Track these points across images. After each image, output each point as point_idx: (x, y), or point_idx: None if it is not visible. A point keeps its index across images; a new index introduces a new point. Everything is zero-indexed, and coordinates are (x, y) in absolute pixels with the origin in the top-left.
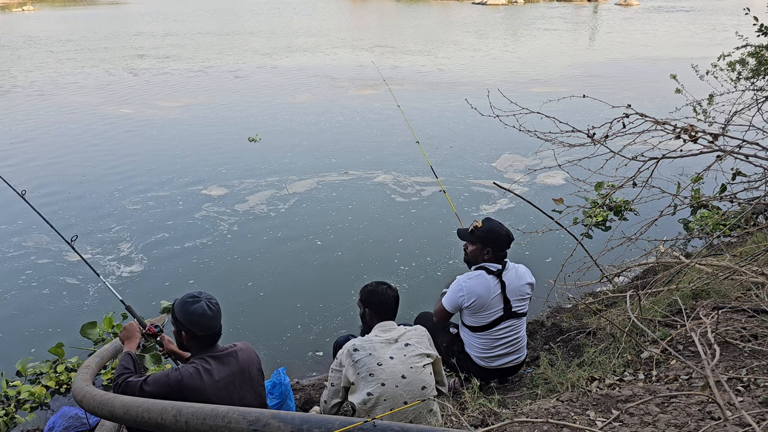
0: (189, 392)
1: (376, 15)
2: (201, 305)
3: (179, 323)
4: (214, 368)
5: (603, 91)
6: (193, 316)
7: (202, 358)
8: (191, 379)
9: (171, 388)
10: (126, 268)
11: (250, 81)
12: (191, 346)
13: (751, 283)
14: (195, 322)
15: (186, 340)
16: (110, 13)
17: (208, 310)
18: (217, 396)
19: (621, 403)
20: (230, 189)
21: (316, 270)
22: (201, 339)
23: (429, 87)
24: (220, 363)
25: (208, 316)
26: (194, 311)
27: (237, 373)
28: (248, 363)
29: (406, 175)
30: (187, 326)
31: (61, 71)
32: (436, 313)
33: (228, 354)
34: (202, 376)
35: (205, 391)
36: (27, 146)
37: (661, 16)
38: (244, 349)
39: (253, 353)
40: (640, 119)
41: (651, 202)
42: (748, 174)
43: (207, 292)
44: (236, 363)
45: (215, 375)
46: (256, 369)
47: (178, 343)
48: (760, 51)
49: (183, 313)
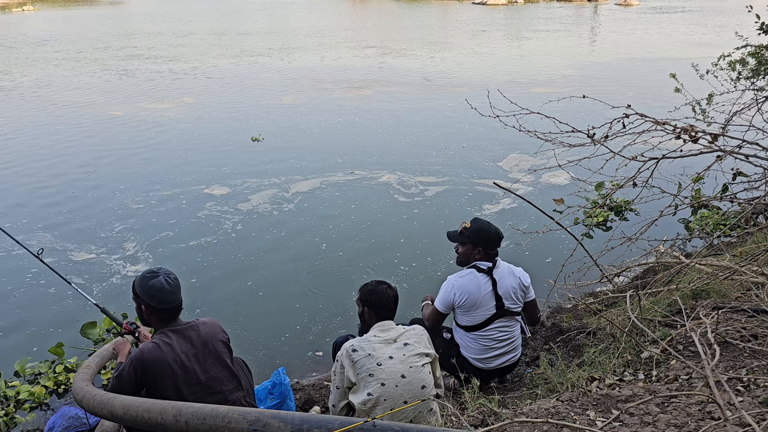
0: (150, 365)
1: (375, 15)
2: (159, 280)
3: (139, 298)
4: (174, 341)
5: (603, 91)
6: (151, 291)
7: (163, 332)
8: (150, 352)
9: (132, 363)
10: (132, 267)
11: (251, 81)
12: (152, 320)
13: (751, 283)
14: (153, 296)
15: (146, 315)
16: (110, 13)
17: (166, 284)
18: (180, 367)
19: (621, 403)
20: (233, 188)
21: (316, 270)
22: (160, 313)
23: (430, 87)
24: (181, 336)
25: (166, 290)
26: (152, 286)
27: (199, 346)
28: (211, 335)
29: (411, 175)
30: (147, 300)
31: (61, 71)
32: (429, 317)
33: (189, 327)
34: (162, 349)
35: (165, 362)
36: (28, 146)
37: (661, 16)
38: (207, 323)
39: (217, 327)
40: (640, 119)
41: (651, 202)
42: (748, 174)
43: (165, 268)
44: (198, 335)
45: (176, 347)
46: (221, 342)
47: (140, 319)
48: (760, 51)
49: (142, 288)
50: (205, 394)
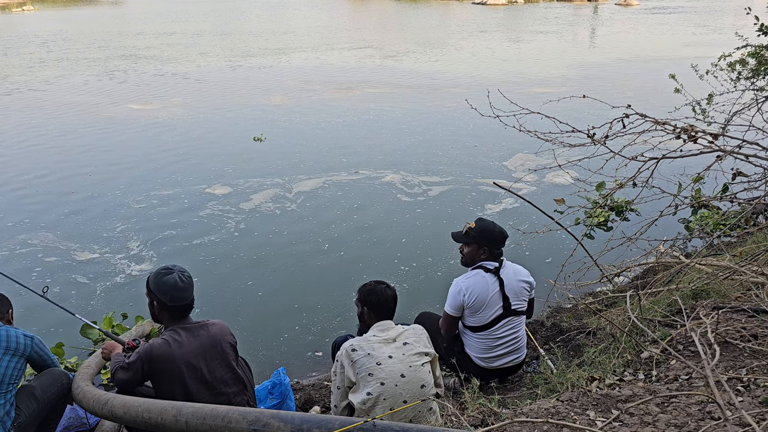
0: (159, 360)
1: (375, 15)
2: (173, 276)
3: (152, 294)
4: (183, 339)
5: (603, 92)
6: (165, 287)
7: (173, 329)
8: (160, 348)
9: (140, 357)
10: (135, 267)
11: (252, 81)
12: (163, 316)
13: (751, 283)
14: (166, 292)
15: (158, 311)
16: (110, 13)
17: (180, 282)
18: (186, 365)
19: (621, 403)
20: (235, 188)
21: (316, 269)
22: (171, 310)
23: (431, 87)
24: (191, 334)
25: (179, 287)
26: (166, 282)
27: (208, 346)
28: (220, 337)
29: (415, 175)
30: (159, 296)
31: (60, 72)
32: (442, 326)
33: (199, 326)
34: (171, 346)
35: (174, 359)
36: (28, 145)
37: (661, 16)
38: (217, 324)
39: (226, 329)
40: (640, 119)
41: (651, 202)
42: (748, 174)
43: (180, 265)
44: (207, 335)
45: (185, 345)
46: (229, 345)
47: (151, 314)
48: (760, 51)
49: (156, 284)
50: (210, 394)
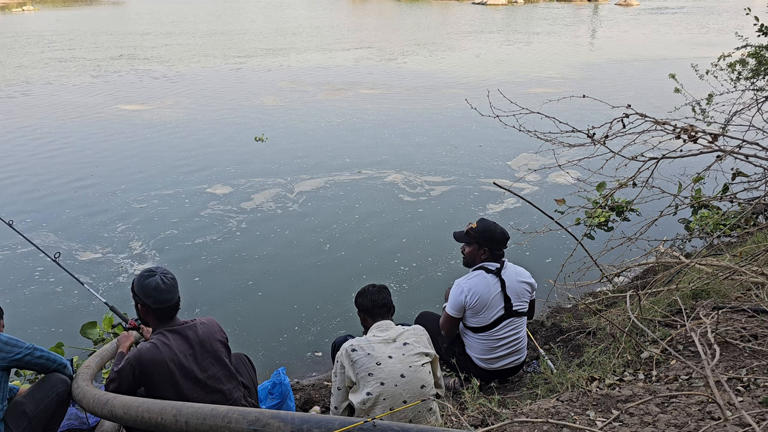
0: (149, 363)
1: (375, 15)
2: (155, 279)
3: (136, 296)
4: (171, 341)
5: (603, 91)
6: (147, 289)
7: (161, 333)
8: (149, 352)
9: (131, 363)
10: (138, 266)
11: (252, 82)
12: (149, 319)
13: (751, 283)
14: (149, 294)
15: (143, 313)
16: (110, 13)
17: (162, 284)
18: (177, 367)
19: (621, 403)
20: (237, 188)
21: (317, 269)
22: (156, 312)
23: (432, 88)
24: (179, 336)
25: (161, 290)
26: (148, 284)
27: (197, 345)
28: (209, 335)
29: (417, 175)
30: (143, 299)
31: (60, 72)
32: (442, 327)
33: (187, 327)
34: (160, 349)
35: (164, 362)
36: (29, 145)
37: (661, 16)
38: (205, 323)
39: (215, 326)
40: (640, 119)
41: (651, 202)
42: (748, 174)
43: (163, 267)
44: (195, 335)
45: (173, 347)
46: (219, 342)
47: (138, 317)
48: (760, 51)
49: (139, 287)
50: (204, 392)
